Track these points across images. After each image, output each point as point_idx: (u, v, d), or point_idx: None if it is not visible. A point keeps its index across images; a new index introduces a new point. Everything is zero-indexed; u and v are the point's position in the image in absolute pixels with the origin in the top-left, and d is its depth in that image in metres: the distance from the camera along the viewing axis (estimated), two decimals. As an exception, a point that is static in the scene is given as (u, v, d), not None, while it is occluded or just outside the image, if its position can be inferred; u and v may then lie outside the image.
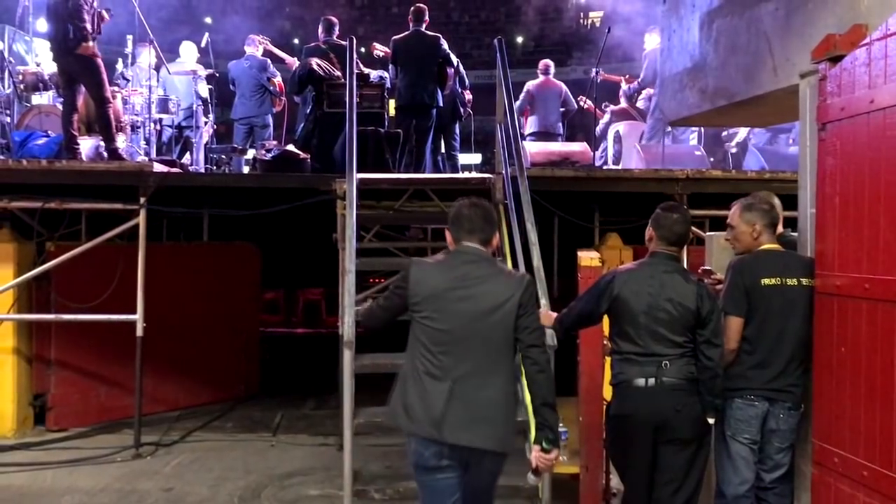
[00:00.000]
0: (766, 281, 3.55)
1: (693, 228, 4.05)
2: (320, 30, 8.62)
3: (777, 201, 4.05)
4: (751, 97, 4.46)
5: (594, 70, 9.36)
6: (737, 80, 4.60)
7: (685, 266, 3.83)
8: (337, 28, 8.63)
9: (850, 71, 3.39)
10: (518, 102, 9.69)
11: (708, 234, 4.70)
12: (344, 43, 7.95)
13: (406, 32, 8.35)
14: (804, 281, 3.57)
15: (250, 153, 9.31)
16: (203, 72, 9.12)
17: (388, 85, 8.33)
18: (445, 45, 8.32)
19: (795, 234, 3.95)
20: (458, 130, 9.68)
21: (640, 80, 9.49)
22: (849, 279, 3.28)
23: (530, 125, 9.86)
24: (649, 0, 10.07)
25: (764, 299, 3.55)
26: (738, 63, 4.58)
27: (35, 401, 6.80)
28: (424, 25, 8.32)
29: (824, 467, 3.39)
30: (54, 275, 6.56)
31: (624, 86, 9.91)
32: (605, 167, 8.95)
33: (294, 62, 9.30)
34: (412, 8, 8.45)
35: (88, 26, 6.48)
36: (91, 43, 6.53)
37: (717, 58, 4.85)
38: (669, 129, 8.52)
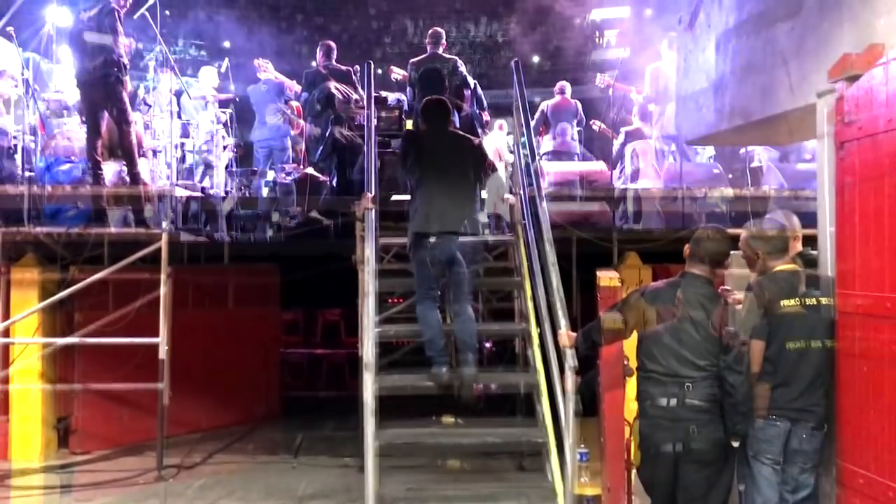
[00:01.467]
0: (785, 302, 3.54)
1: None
2: (319, 54, 8.75)
3: (795, 220, 4.02)
4: (768, 116, 4.48)
5: (603, 76, 9.39)
6: (753, 100, 4.61)
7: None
8: (335, 52, 8.74)
9: (868, 90, 3.39)
10: (533, 122, 9.74)
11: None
12: (344, 67, 8.05)
13: (423, 55, 8.43)
14: (823, 300, 3.56)
15: (270, 175, 9.41)
16: (211, 97, 9.22)
17: (405, 108, 8.39)
18: (463, 68, 8.39)
19: (815, 251, 3.93)
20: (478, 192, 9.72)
21: (646, 94, 9.37)
22: (871, 298, 3.27)
23: (546, 144, 9.88)
24: (664, 17, 10.08)
25: (784, 321, 3.53)
26: (755, 82, 4.60)
27: (59, 424, 6.87)
28: (442, 49, 8.39)
29: (849, 488, 3.36)
30: (78, 299, 6.65)
31: (635, 96, 9.86)
32: (623, 186, 8.94)
33: (293, 85, 9.41)
34: (429, 31, 8.54)
35: (125, 59, 6.60)
36: (127, 77, 6.66)
37: (734, 77, 4.87)
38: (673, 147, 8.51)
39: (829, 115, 3.69)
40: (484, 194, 6.20)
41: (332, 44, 8.88)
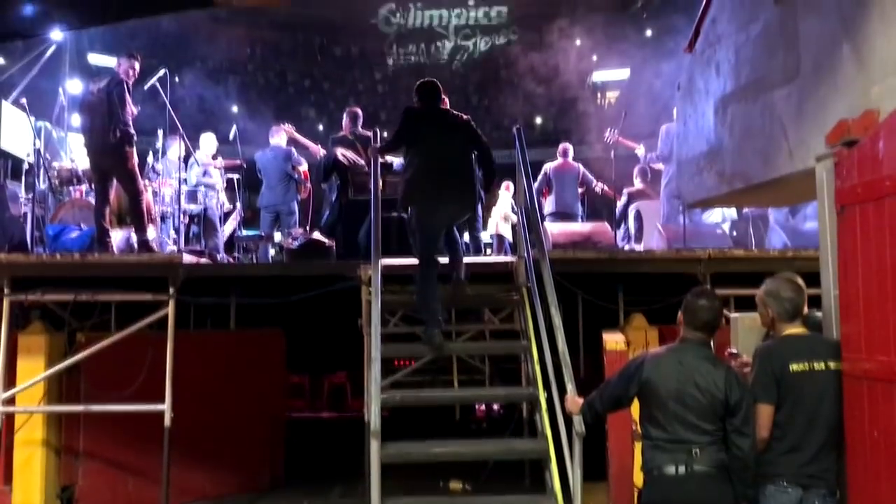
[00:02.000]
0: (794, 367, 3.53)
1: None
2: (346, 121, 8.81)
3: (800, 282, 4.03)
4: (768, 180, 4.53)
5: (609, 130, 9.50)
6: (753, 164, 4.67)
7: (713, 349, 3.83)
8: (361, 119, 8.85)
9: (865, 155, 3.44)
10: (536, 184, 9.86)
11: (733, 315, 4.69)
12: (369, 133, 8.16)
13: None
14: (832, 364, 3.54)
15: (277, 236, 9.51)
16: (214, 162, 9.40)
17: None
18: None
19: (820, 313, 3.93)
20: (480, 211, 9.80)
21: (657, 153, 9.45)
22: (878, 363, 3.26)
23: (549, 206, 9.97)
24: (665, 80, 10.26)
25: (793, 385, 3.51)
26: (754, 147, 4.67)
27: (63, 493, 6.79)
28: (443, 105, 8.51)
29: (863, 556, 3.31)
30: (84, 365, 6.65)
31: (640, 151, 9.95)
32: (627, 247, 8.99)
33: (318, 149, 9.54)
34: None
35: (132, 129, 6.74)
36: (134, 148, 6.79)
37: (733, 141, 4.94)
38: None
39: (829, 180, 3.73)
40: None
41: (359, 110, 8.98)
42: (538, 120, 21.43)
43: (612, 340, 4.65)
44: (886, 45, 3.59)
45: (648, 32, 17.81)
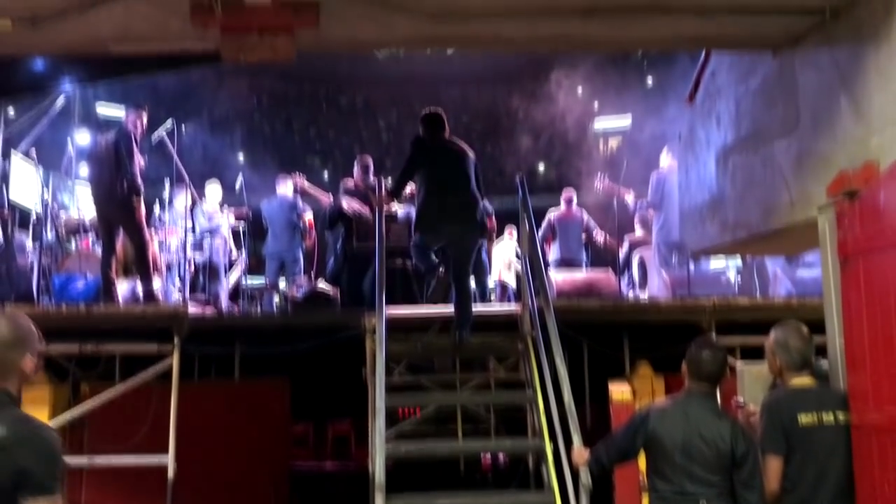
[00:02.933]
0: (803, 419, 3.50)
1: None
2: (357, 171, 8.84)
3: (805, 330, 4.01)
4: (770, 230, 4.56)
5: (599, 178, 9.55)
6: (755, 214, 4.70)
7: (719, 400, 3.81)
8: (372, 168, 8.91)
9: (866, 206, 3.48)
10: (540, 232, 9.89)
11: (739, 365, 4.67)
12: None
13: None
14: (841, 416, 3.52)
15: (281, 284, 9.53)
16: (221, 212, 9.48)
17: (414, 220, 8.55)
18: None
19: (826, 362, 3.92)
20: (486, 258, 9.84)
21: (647, 199, 9.48)
22: (885, 414, 3.25)
23: (553, 253, 9.99)
24: (667, 124, 10.34)
25: (803, 437, 3.49)
26: (756, 197, 4.71)
27: (63, 549, 6.69)
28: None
29: None
30: (88, 417, 6.61)
31: (629, 200, 9.96)
32: (631, 294, 8.98)
33: (328, 199, 9.61)
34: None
35: (139, 181, 6.81)
36: (141, 199, 6.85)
37: (735, 191, 4.98)
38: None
39: (831, 230, 3.76)
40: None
41: (370, 160, 9.04)
42: (541, 167, 21.57)
43: (619, 391, 4.64)
44: (884, 98, 3.65)
45: (649, 81, 18.01)
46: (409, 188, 9.00)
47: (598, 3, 4.01)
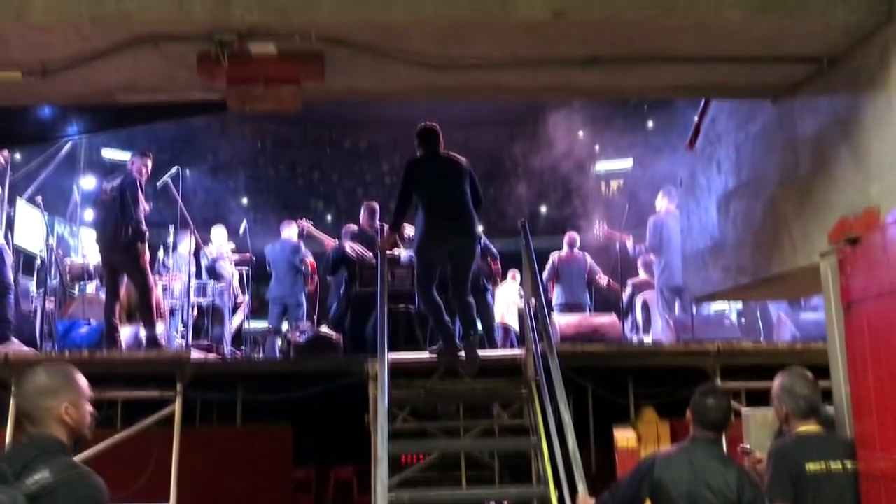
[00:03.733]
0: (810, 467, 3.47)
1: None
2: (364, 215, 8.90)
3: (811, 376, 3.99)
4: (773, 275, 4.56)
5: (598, 224, 9.58)
6: (758, 259, 4.71)
7: (724, 447, 3.78)
8: (378, 213, 8.97)
9: (868, 253, 3.48)
10: (544, 274, 9.92)
11: (745, 411, 4.64)
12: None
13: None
14: (849, 464, 3.48)
15: (284, 325, 9.52)
16: (228, 253, 9.51)
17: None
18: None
19: (832, 408, 3.89)
20: (491, 300, 9.85)
21: (645, 244, 9.49)
22: (893, 462, 3.21)
23: (557, 297, 9.99)
24: (668, 167, 10.39)
25: (811, 486, 3.45)
26: (758, 242, 4.72)
27: None
28: None
29: None
30: (89, 463, 6.54)
31: (629, 245, 9.99)
32: (635, 338, 8.95)
33: (333, 243, 9.65)
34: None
35: (144, 226, 6.84)
36: (146, 245, 6.88)
37: (737, 237, 4.99)
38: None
39: (834, 275, 3.76)
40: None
41: (376, 205, 9.11)
42: (543, 209, 21.68)
43: (624, 437, 4.60)
44: (882, 146, 3.68)
45: (650, 124, 18.20)
46: (409, 231, 9.06)
47: (599, 52, 4.06)
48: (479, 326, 9.33)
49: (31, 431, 2.62)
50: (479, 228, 6.72)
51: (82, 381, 2.73)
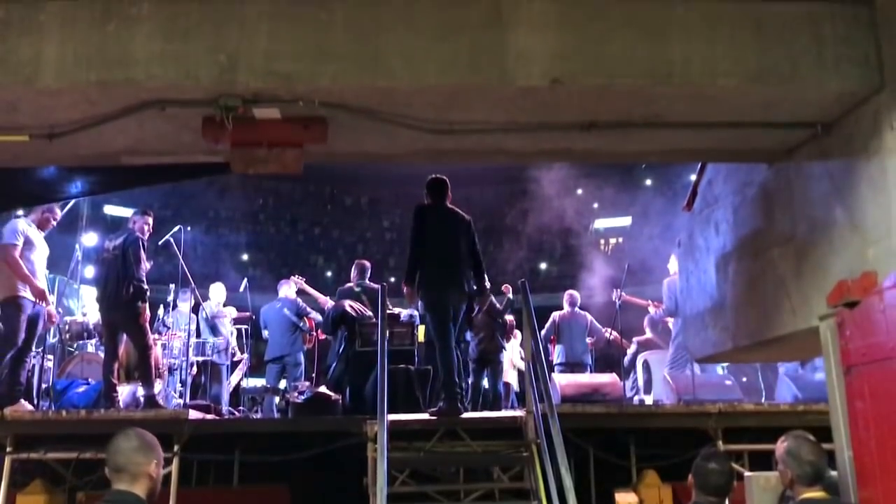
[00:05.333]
0: (816, 534, 3.43)
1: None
2: (354, 273, 8.95)
3: (812, 440, 3.94)
4: (773, 337, 4.55)
5: (615, 291, 9.61)
6: (757, 321, 4.71)
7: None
8: (369, 271, 9.01)
9: (867, 316, 3.49)
10: (544, 331, 9.90)
11: (747, 474, 4.59)
12: (376, 286, 8.29)
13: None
14: (854, 531, 3.45)
15: (282, 383, 9.46)
16: (227, 313, 9.51)
17: (416, 322, 8.56)
18: None
19: (835, 472, 3.85)
20: (501, 359, 9.86)
21: (663, 307, 9.58)
22: (899, 530, 3.17)
23: (558, 355, 9.96)
24: (665, 229, 10.47)
25: (815, 552, 3.41)
26: (757, 304, 4.72)
27: None
28: None
29: None
30: (83, 527, 6.44)
31: (651, 310, 10.05)
32: (636, 398, 8.89)
33: (326, 301, 9.65)
34: None
35: (145, 285, 6.86)
36: (146, 303, 6.89)
37: (736, 298, 5.00)
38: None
39: (833, 338, 3.76)
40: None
41: (367, 263, 9.14)
42: (542, 265, 21.74)
43: (625, 501, 4.53)
44: (877, 211, 3.72)
45: (648, 182, 18.39)
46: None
47: (598, 117, 4.14)
48: (486, 384, 9.34)
49: (119, 488, 2.92)
50: (487, 285, 6.83)
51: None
